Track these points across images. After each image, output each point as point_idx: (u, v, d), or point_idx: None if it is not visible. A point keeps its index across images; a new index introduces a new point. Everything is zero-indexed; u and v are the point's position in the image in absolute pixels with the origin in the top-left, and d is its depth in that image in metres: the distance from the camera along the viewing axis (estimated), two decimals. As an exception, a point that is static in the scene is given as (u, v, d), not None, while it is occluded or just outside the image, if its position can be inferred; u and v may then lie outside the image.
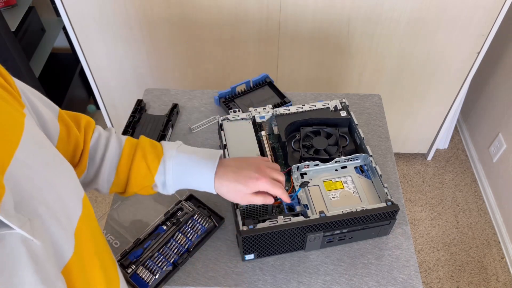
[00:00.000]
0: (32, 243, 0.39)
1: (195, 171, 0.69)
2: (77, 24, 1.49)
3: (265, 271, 0.80)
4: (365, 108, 1.09)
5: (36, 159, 0.44)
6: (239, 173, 0.69)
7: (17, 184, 0.40)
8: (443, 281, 1.66)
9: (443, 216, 1.85)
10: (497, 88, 1.85)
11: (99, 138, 0.69)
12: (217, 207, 0.88)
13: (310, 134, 0.90)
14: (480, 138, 1.98)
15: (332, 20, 1.44)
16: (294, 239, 0.78)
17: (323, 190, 0.83)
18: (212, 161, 0.69)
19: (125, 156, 0.69)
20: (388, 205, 0.78)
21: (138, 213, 0.87)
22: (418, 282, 0.79)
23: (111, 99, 1.77)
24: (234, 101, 1.08)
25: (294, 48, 1.53)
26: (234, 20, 1.45)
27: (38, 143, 0.47)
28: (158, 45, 1.55)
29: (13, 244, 0.37)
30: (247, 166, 0.70)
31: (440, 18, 1.42)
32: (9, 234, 0.37)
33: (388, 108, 1.56)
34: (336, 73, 1.62)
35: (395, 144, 1.94)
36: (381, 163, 0.97)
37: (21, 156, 0.42)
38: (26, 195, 0.41)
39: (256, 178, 0.69)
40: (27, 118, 0.47)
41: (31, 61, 1.83)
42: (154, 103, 1.10)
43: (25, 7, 1.76)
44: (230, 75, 1.64)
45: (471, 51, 1.52)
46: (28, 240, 0.38)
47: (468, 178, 1.98)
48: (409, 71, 1.60)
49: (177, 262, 0.79)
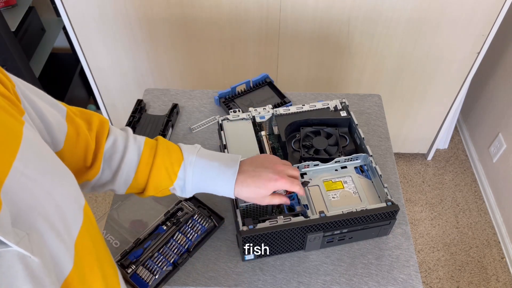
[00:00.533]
0: (30, 259, 0.38)
1: (215, 178, 0.70)
2: (77, 24, 1.49)
3: (265, 271, 0.80)
4: (365, 108, 1.09)
5: (35, 168, 0.43)
6: (258, 177, 0.70)
7: (15, 196, 0.39)
8: (443, 281, 1.66)
9: (443, 216, 1.85)
10: (497, 88, 1.85)
11: (116, 141, 0.67)
12: (217, 207, 0.88)
13: (310, 134, 0.90)
14: (480, 138, 1.98)
15: (332, 20, 1.44)
16: (294, 239, 0.78)
17: (323, 190, 0.83)
18: (233, 169, 0.70)
19: (145, 161, 0.68)
20: (388, 205, 0.78)
21: (138, 213, 0.87)
22: (418, 282, 0.79)
23: (111, 99, 1.77)
24: (234, 101, 1.08)
25: (294, 48, 1.53)
26: (234, 20, 1.45)
27: (38, 151, 0.46)
28: (158, 45, 1.55)
29: (10, 262, 0.36)
30: (264, 168, 0.71)
31: (440, 18, 1.42)
32: (5, 251, 0.36)
33: (388, 108, 1.56)
34: (336, 73, 1.62)
35: (395, 144, 1.94)
36: (381, 163, 0.97)
37: (20, 167, 0.41)
38: (25, 208, 0.40)
39: (275, 179, 0.70)
40: (26, 126, 0.46)
41: (31, 61, 1.83)
42: (154, 103, 1.10)
43: (25, 7, 1.76)
44: (230, 75, 1.64)
45: (471, 51, 1.52)
46: (26, 257, 0.37)
47: (468, 178, 1.98)
48: (409, 71, 1.60)
49: (177, 262, 0.79)
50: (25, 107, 0.50)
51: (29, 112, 0.50)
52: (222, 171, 0.70)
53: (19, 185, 0.40)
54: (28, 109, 0.51)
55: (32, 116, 0.51)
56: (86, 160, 0.63)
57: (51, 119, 0.55)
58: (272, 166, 0.72)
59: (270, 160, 0.74)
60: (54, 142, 0.56)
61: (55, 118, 0.56)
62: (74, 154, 0.61)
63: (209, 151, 0.73)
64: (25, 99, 0.51)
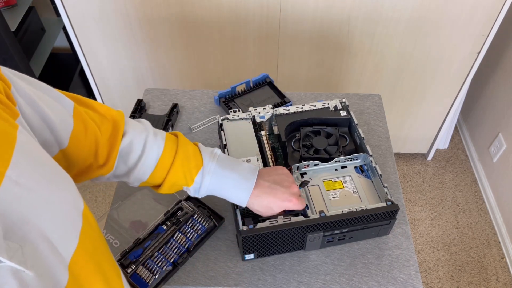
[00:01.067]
0: (24, 274, 0.36)
1: (231, 188, 0.71)
2: (77, 24, 1.49)
3: (265, 271, 0.80)
4: (365, 108, 1.09)
5: (30, 176, 0.41)
6: (274, 195, 0.71)
7: (8, 208, 0.37)
8: (443, 281, 1.66)
9: (443, 216, 1.85)
10: (497, 88, 1.85)
11: (133, 140, 0.65)
12: (217, 207, 0.88)
13: (310, 134, 0.90)
14: (480, 138, 1.98)
15: (332, 19, 1.44)
16: (294, 239, 0.78)
17: (323, 190, 0.83)
18: (250, 182, 0.70)
19: (163, 162, 0.67)
20: (388, 205, 0.78)
21: (138, 213, 0.87)
22: (418, 282, 0.79)
23: (111, 99, 1.77)
24: (234, 101, 1.08)
25: (294, 48, 1.53)
26: (234, 20, 1.45)
27: (33, 156, 0.43)
28: (158, 45, 1.55)
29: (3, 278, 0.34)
30: (280, 187, 0.72)
31: (440, 18, 1.42)
32: None
33: (388, 108, 1.56)
34: (336, 73, 1.62)
35: (395, 144, 1.94)
36: (381, 163, 0.97)
37: (13, 176, 0.39)
38: (18, 219, 0.38)
39: (289, 201, 0.72)
40: (20, 130, 0.43)
41: (31, 61, 1.83)
42: (154, 103, 1.10)
43: (25, 7, 1.77)
44: (230, 75, 1.64)
45: (471, 51, 1.52)
46: (20, 271, 0.35)
47: (468, 178, 1.98)
48: (409, 71, 1.60)
49: (177, 262, 0.79)
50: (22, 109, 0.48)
51: (26, 113, 0.49)
52: (240, 183, 0.70)
53: (12, 195, 0.38)
54: (27, 110, 0.49)
55: (31, 117, 0.50)
56: (97, 157, 0.62)
57: (53, 117, 0.53)
58: (289, 186, 0.73)
59: (287, 179, 0.75)
60: (58, 140, 0.55)
61: (59, 115, 0.54)
62: (82, 151, 0.59)
63: (228, 158, 0.73)
64: (24, 99, 0.49)
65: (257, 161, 0.83)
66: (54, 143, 0.55)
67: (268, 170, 0.76)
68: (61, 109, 0.55)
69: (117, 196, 0.91)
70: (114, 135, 0.63)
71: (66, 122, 0.56)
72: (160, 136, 0.69)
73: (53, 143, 0.55)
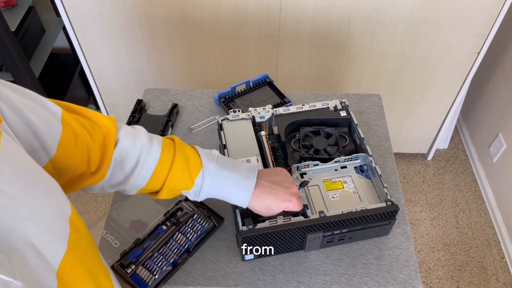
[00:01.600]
0: (13, 285, 0.35)
1: (232, 190, 0.71)
2: (77, 24, 1.49)
3: (265, 271, 0.80)
4: (365, 108, 1.09)
5: (14, 184, 0.40)
6: (274, 195, 0.72)
7: None
8: (443, 281, 1.66)
9: (443, 216, 1.85)
10: (497, 88, 1.85)
11: (128, 146, 0.64)
12: (217, 207, 0.88)
13: (310, 134, 0.90)
14: (480, 138, 1.98)
15: (332, 19, 1.43)
16: (294, 239, 0.78)
17: (323, 190, 0.83)
18: (251, 182, 0.70)
19: (161, 167, 0.66)
20: (388, 205, 0.78)
21: (138, 213, 0.87)
22: (418, 282, 0.79)
23: (111, 99, 1.77)
24: (234, 101, 1.08)
25: (294, 48, 1.53)
26: (234, 20, 1.45)
27: (17, 163, 0.42)
28: (158, 45, 1.55)
29: None
30: (281, 187, 0.73)
31: (440, 18, 1.42)
32: None
33: (388, 108, 1.56)
34: (336, 73, 1.62)
35: (395, 144, 1.94)
36: (381, 163, 0.97)
37: None
38: (3, 229, 0.37)
39: (289, 201, 0.72)
40: (3, 137, 0.42)
41: (31, 61, 1.83)
42: (154, 103, 1.10)
43: (25, 7, 1.76)
44: (230, 75, 1.64)
45: (471, 51, 1.52)
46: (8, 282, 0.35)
47: (468, 178, 1.98)
48: (409, 71, 1.60)
49: (176, 262, 0.79)
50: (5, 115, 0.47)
51: (10, 120, 0.47)
52: (240, 183, 0.70)
53: None
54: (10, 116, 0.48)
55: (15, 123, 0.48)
56: (89, 165, 0.60)
57: (39, 124, 0.51)
58: (289, 187, 0.74)
59: (287, 179, 0.75)
60: (46, 148, 0.53)
61: (46, 121, 0.53)
62: (73, 159, 0.57)
63: (227, 159, 0.73)
64: (7, 105, 0.48)
65: (257, 161, 0.83)
66: (41, 150, 0.53)
67: (268, 171, 0.76)
68: (48, 115, 0.54)
69: (117, 196, 0.91)
70: (106, 142, 0.62)
71: (54, 128, 0.54)
72: (156, 140, 0.68)
73: (41, 150, 0.53)
